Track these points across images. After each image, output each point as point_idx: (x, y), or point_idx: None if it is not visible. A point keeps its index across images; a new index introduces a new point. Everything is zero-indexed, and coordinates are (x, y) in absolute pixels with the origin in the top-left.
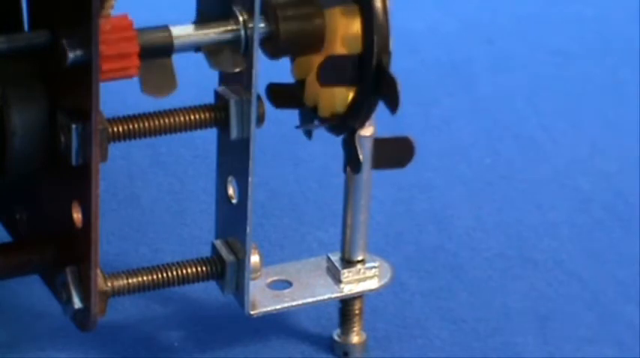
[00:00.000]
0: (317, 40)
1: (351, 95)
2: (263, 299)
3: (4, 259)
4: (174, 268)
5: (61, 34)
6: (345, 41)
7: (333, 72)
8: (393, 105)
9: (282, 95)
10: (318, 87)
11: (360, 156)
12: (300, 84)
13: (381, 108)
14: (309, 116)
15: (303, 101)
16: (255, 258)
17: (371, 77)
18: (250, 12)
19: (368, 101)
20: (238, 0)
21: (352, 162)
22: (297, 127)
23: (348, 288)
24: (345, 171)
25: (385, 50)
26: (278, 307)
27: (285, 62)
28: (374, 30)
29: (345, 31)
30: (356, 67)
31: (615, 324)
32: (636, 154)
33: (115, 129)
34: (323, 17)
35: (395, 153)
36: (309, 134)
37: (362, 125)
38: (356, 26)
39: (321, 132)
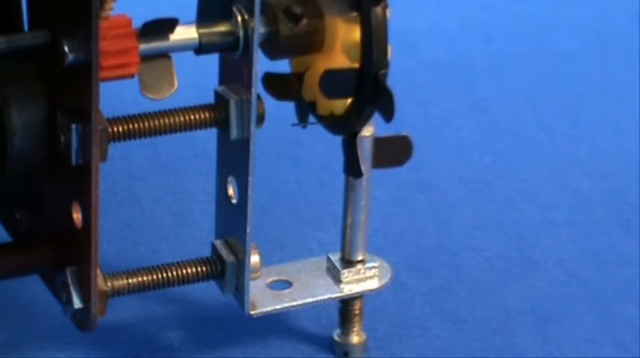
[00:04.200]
0: (316, 40)
1: (349, 98)
2: (263, 299)
3: (4, 259)
4: (174, 268)
5: (61, 34)
6: (344, 47)
7: (334, 86)
8: (388, 116)
9: (280, 86)
10: (316, 83)
11: (361, 163)
12: (299, 77)
13: None
14: (306, 109)
15: (301, 94)
16: (255, 258)
17: (369, 90)
18: (250, 12)
19: (365, 110)
20: (238, 0)
21: (352, 168)
22: (293, 125)
23: (348, 288)
24: (345, 171)
25: (383, 64)
26: (278, 307)
27: (284, 61)
28: (372, 45)
29: (345, 37)
30: (354, 79)
31: (615, 324)
32: (636, 154)
33: (115, 129)
34: (322, 18)
35: (394, 151)
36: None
37: (361, 128)
38: (356, 34)
39: (321, 132)
